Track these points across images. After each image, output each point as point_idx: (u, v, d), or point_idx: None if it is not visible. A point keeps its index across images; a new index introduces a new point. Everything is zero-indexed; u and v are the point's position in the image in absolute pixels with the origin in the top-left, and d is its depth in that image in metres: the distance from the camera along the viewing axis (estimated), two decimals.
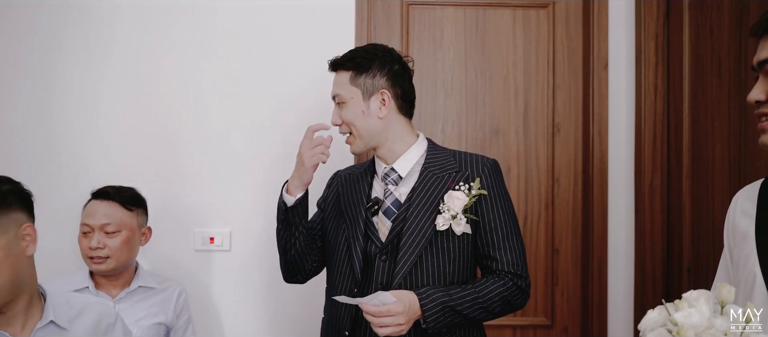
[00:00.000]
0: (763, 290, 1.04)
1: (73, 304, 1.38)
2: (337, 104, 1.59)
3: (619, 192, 2.31)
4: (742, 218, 1.15)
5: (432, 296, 1.44)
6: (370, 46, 1.62)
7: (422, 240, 1.49)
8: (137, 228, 1.97)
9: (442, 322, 1.45)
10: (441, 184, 1.52)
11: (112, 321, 1.43)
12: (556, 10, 2.36)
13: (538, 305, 2.36)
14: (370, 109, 1.55)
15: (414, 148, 1.59)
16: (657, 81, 2.22)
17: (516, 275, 1.51)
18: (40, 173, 2.19)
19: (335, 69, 1.61)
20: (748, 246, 1.11)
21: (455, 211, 1.48)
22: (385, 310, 1.38)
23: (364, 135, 1.57)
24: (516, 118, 2.35)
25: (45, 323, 1.30)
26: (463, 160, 1.56)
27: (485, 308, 1.48)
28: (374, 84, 1.55)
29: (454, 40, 2.34)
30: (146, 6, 2.23)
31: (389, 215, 1.54)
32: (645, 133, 2.23)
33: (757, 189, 1.15)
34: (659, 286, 2.23)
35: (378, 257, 1.52)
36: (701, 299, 0.73)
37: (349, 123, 1.57)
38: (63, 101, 2.21)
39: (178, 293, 2.04)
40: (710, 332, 0.69)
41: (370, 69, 1.55)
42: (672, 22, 2.19)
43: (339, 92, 1.58)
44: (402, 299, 1.41)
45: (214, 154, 2.24)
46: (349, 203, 1.61)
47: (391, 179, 1.57)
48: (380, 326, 1.40)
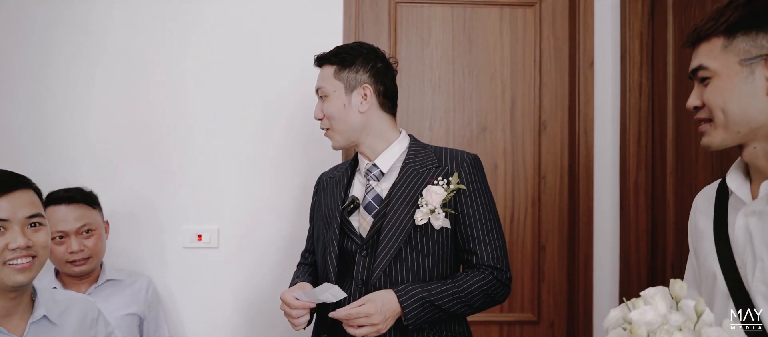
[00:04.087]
0: (723, 285, 1.08)
1: (58, 300, 1.40)
2: (319, 98, 1.62)
3: (604, 189, 2.33)
4: (702, 217, 1.19)
5: (410, 292, 1.45)
6: (356, 44, 1.65)
7: (401, 235, 1.49)
8: (102, 224, 2.00)
9: (422, 317, 1.45)
10: (420, 179, 1.53)
11: (95, 316, 1.45)
12: (543, 8, 2.38)
13: (525, 300, 2.38)
14: (351, 103, 1.57)
15: (396, 144, 1.61)
16: (642, 79, 2.24)
17: (496, 268, 1.51)
18: (29, 172, 2.18)
19: (320, 64, 1.63)
20: (707, 244, 1.15)
21: (433, 205, 1.48)
22: (355, 313, 1.40)
23: (343, 129, 1.59)
24: (503, 115, 2.37)
25: (38, 317, 1.32)
26: (444, 155, 1.58)
27: (465, 302, 1.49)
28: (357, 79, 1.57)
29: (441, 38, 2.36)
30: (135, 6, 2.23)
31: (370, 210, 1.55)
32: (630, 130, 2.25)
33: (714, 189, 1.19)
34: (644, 281, 2.26)
35: (359, 252, 1.54)
36: (657, 296, 0.75)
37: (329, 117, 1.59)
38: (51, 101, 2.22)
39: (147, 284, 2.06)
40: (665, 328, 0.71)
41: (354, 64, 1.58)
42: (656, 21, 2.21)
43: (322, 85, 1.60)
44: (373, 300, 1.42)
45: (202, 151, 2.25)
46: (328, 206, 1.64)
47: (372, 175, 1.59)
48: (356, 327, 1.42)
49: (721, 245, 1.10)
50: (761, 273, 1.02)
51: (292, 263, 2.25)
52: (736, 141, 1.07)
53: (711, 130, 1.08)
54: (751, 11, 1.02)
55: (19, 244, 1.26)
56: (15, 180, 1.33)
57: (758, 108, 1.02)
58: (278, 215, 2.26)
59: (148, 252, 2.23)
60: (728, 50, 1.04)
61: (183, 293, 2.25)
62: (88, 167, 2.20)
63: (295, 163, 2.27)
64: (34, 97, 2.21)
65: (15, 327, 1.30)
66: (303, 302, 1.49)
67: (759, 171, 1.07)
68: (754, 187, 1.08)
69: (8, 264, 1.26)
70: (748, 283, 1.04)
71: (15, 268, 1.26)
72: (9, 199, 1.29)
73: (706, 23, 1.07)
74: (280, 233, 2.26)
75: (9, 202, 1.29)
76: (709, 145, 1.09)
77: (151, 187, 2.23)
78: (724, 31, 1.04)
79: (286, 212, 2.26)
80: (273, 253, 2.26)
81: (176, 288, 2.24)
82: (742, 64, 1.02)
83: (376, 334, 1.42)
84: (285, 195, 2.27)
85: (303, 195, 2.26)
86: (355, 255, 1.55)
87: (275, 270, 2.26)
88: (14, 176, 1.35)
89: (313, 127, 2.26)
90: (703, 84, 1.08)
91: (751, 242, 1.04)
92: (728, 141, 1.06)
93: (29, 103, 2.21)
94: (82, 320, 1.41)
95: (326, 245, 1.58)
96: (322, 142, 2.25)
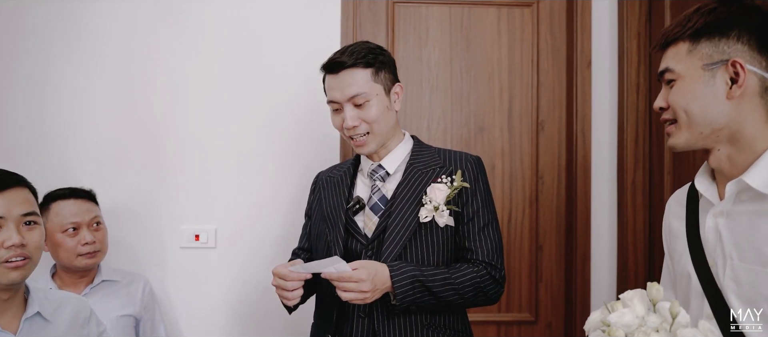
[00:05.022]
0: (697, 285, 1.12)
1: (51, 298, 1.42)
2: (353, 106, 1.52)
3: (602, 189, 2.33)
4: (674, 220, 1.24)
5: (402, 269, 1.44)
6: (370, 44, 1.58)
7: (406, 232, 1.50)
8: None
9: (411, 297, 1.44)
10: (425, 179, 1.54)
11: (87, 314, 1.47)
12: (541, 8, 2.38)
13: (523, 300, 2.38)
14: (392, 104, 1.57)
15: (401, 145, 1.62)
16: (639, 79, 2.24)
17: (490, 265, 1.52)
18: (28, 172, 2.18)
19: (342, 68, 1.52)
20: (681, 245, 1.19)
21: (437, 202, 1.49)
22: (347, 276, 1.37)
23: (384, 132, 1.56)
24: (500, 115, 2.37)
25: (31, 314, 1.34)
26: (448, 156, 1.59)
27: (456, 290, 1.48)
28: (391, 78, 1.57)
29: (439, 38, 2.36)
30: (134, 7, 2.24)
31: (376, 211, 1.55)
32: (627, 130, 2.25)
33: (685, 192, 1.23)
34: (641, 282, 2.25)
35: (364, 252, 1.53)
36: (635, 299, 0.75)
37: (372, 122, 1.53)
38: (51, 101, 2.23)
39: (143, 285, 2.08)
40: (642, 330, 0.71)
41: (385, 64, 1.56)
42: (654, 21, 2.21)
43: (362, 91, 1.51)
44: (367, 267, 1.40)
45: (200, 152, 2.26)
46: (331, 206, 1.62)
47: (378, 176, 1.59)
48: (343, 291, 1.39)
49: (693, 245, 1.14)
50: (731, 271, 1.06)
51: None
52: (700, 142, 1.11)
53: (675, 131, 1.12)
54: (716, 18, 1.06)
55: (14, 241, 1.27)
56: (10, 178, 1.33)
57: (718, 110, 1.07)
58: (276, 215, 2.27)
59: (146, 252, 2.25)
60: (693, 54, 1.08)
61: (180, 293, 2.26)
62: (87, 167, 2.22)
63: (294, 163, 2.27)
64: (33, 96, 2.22)
65: (8, 324, 1.32)
66: (298, 274, 1.44)
67: (724, 174, 1.11)
68: (720, 188, 1.13)
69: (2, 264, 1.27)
70: (719, 281, 1.08)
71: (9, 266, 1.27)
72: (4, 196, 1.29)
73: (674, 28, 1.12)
74: (277, 233, 2.27)
75: (4, 199, 1.29)
76: (674, 145, 1.14)
77: (149, 187, 2.24)
78: (689, 36, 1.09)
79: (284, 213, 2.27)
80: (271, 253, 2.27)
81: (174, 288, 2.26)
82: (704, 68, 1.07)
83: (361, 302, 1.40)
84: (283, 195, 2.27)
85: (301, 195, 2.27)
86: (359, 255, 1.54)
87: None
88: (9, 174, 1.35)
89: (311, 127, 2.27)
90: (669, 86, 1.13)
91: (721, 242, 1.09)
92: (692, 141, 1.11)
93: (28, 102, 2.22)
94: (75, 318, 1.43)
95: (330, 244, 1.57)
96: (320, 143, 2.27)
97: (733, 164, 1.09)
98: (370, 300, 1.41)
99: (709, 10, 1.07)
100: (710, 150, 1.11)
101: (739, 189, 1.06)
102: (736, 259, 1.05)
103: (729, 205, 1.09)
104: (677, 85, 1.10)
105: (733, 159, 1.08)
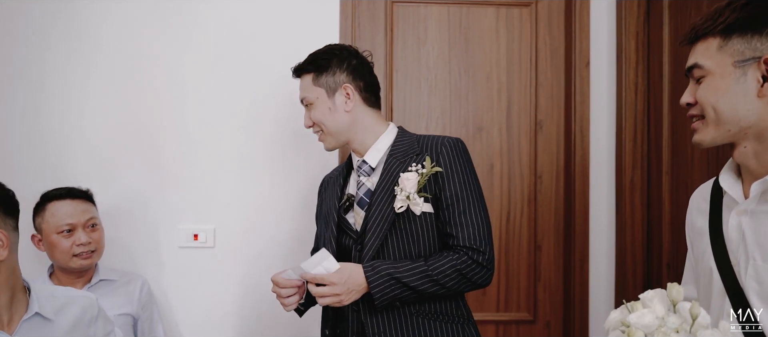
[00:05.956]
0: (719, 282, 1.10)
1: (57, 296, 1.41)
2: (305, 107, 1.66)
3: (600, 188, 2.34)
4: (699, 216, 1.22)
5: (377, 268, 1.47)
6: (327, 47, 1.68)
7: (384, 224, 1.51)
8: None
9: (389, 294, 1.46)
10: (401, 168, 1.53)
11: (95, 314, 1.46)
12: (539, 8, 2.38)
13: (521, 300, 2.39)
14: (336, 105, 1.61)
15: (383, 137, 1.63)
16: (638, 79, 2.25)
17: (472, 249, 1.49)
18: (24, 171, 2.19)
19: (299, 75, 1.67)
20: (704, 242, 1.17)
21: (408, 191, 1.47)
22: (320, 278, 1.44)
23: (334, 131, 1.63)
24: (499, 115, 2.37)
25: (30, 315, 1.34)
26: (425, 143, 1.57)
27: (436, 281, 1.47)
28: (336, 80, 1.61)
29: (437, 38, 2.36)
30: (132, 7, 2.23)
31: (362, 206, 1.58)
32: (626, 130, 2.26)
33: (709, 187, 1.21)
34: (640, 281, 2.26)
35: (354, 247, 1.57)
36: (655, 299, 0.75)
37: (318, 123, 1.63)
38: (47, 100, 2.21)
39: (141, 284, 2.08)
40: (662, 331, 0.71)
41: (330, 67, 1.61)
42: (652, 21, 2.21)
43: (305, 95, 1.64)
44: (341, 271, 1.46)
45: (199, 151, 2.24)
46: (327, 206, 1.67)
47: (363, 171, 1.62)
48: (319, 296, 1.45)
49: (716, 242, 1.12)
50: (753, 271, 1.04)
51: (289, 262, 2.26)
52: (727, 139, 1.09)
53: (702, 128, 1.10)
54: (748, 14, 1.04)
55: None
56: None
57: (748, 108, 1.04)
58: (275, 214, 2.26)
59: (144, 252, 2.23)
60: (723, 51, 1.06)
61: (179, 293, 2.24)
62: (85, 167, 2.20)
63: (293, 163, 2.27)
64: (30, 96, 2.20)
65: (7, 325, 1.32)
66: (289, 281, 1.52)
67: (749, 171, 1.09)
68: (745, 186, 1.11)
69: None
70: (741, 280, 1.06)
71: None
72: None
73: (704, 23, 1.09)
74: (277, 232, 2.26)
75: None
76: (700, 142, 1.11)
77: (147, 186, 2.23)
78: (720, 32, 1.06)
79: (283, 212, 2.26)
80: (270, 253, 2.26)
81: (172, 288, 2.24)
82: (735, 65, 1.04)
83: (337, 304, 1.47)
84: (282, 195, 2.26)
85: (300, 195, 2.26)
86: (350, 250, 1.59)
87: (272, 270, 2.22)
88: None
89: None
90: (697, 82, 1.10)
91: (744, 241, 1.07)
92: (718, 139, 1.09)
93: (25, 102, 2.20)
94: (80, 317, 1.42)
95: (325, 243, 1.61)
96: (319, 142, 2.26)
97: (760, 162, 1.07)
98: (347, 302, 1.47)
99: (742, 5, 1.04)
100: (736, 145, 1.09)
101: (764, 189, 1.05)
102: (759, 259, 1.03)
103: (753, 204, 1.07)
104: (706, 82, 1.08)
105: (759, 156, 1.07)
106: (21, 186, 2.12)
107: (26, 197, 2.01)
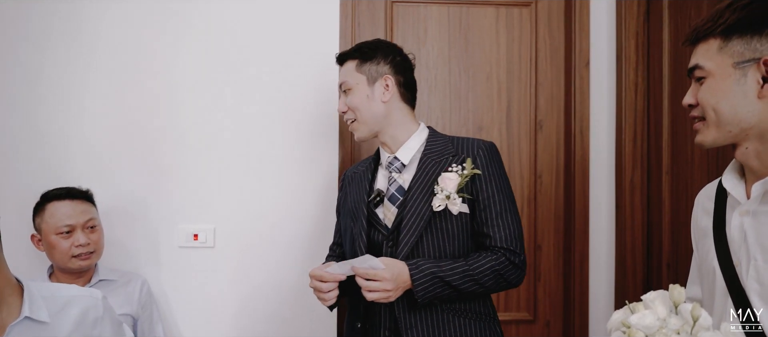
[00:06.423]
0: (721, 283, 1.10)
1: (58, 296, 1.33)
2: (343, 93, 1.69)
3: (600, 188, 2.34)
4: (703, 215, 1.22)
5: (421, 267, 1.50)
6: (375, 40, 1.74)
7: (420, 222, 1.54)
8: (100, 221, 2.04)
9: (431, 292, 1.50)
10: (438, 168, 1.58)
11: (99, 314, 1.37)
12: (539, 8, 2.38)
13: (521, 299, 2.39)
14: (374, 94, 1.65)
15: (415, 136, 1.67)
16: (637, 79, 2.25)
17: (508, 250, 1.55)
18: (24, 171, 2.18)
19: (342, 61, 1.71)
20: (708, 242, 1.17)
21: (448, 191, 1.53)
22: (373, 274, 1.45)
23: (368, 119, 1.66)
24: (499, 115, 2.37)
25: (20, 319, 1.24)
26: (460, 144, 1.63)
27: (476, 280, 1.52)
28: (378, 70, 1.65)
29: (437, 38, 2.36)
30: (130, 7, 2.22)
31: (394, 202, 1.61)
32: (626, 130, 2.26)
33: (715, 187, 1.21)
34: (640, 281, 2.27)
35: (385, 243, 1.60)
36: (657, 301, 0.75)
37: (353, 108, 1.66)
38: (48, 100, 2.20)
39: (141, 284, 2.08)
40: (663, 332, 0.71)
41: (374, 58, 1.66)
42: (652, 21, 2.21)
43: (345, 79, 1.68)
44: (391, 267, 1.47)
45: (199, 151, 2.24)
46: (354, 200, 1.69)
47: (394, 167, 1.64)
48: (368, 290, 1.47)
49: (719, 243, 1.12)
50: (755, 272, 1.04)
51: (289, 262, 2.26)
52: (728, 140, 1.09)
53: (703, 129, 1.10)
54: (748, 15, 1.04)
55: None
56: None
57: (749, 110, 1.04)
58: (275, 214, 2.26)
59: (143, 252, 2.23)
60: (724, 52, 1.06)
61: (179, 293, 2.24)
62: (84, 166, 2.20)
63: (292, 162, 2.26)
64: (29, 96, 2.20)
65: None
66: (333, 275, 1.52)
67: (752, 171, 1.10)
68: (748, 187, 1.11)
69: None
70: (743, 281, 1.06)
71: None
72: None
73: (705, 23, 1.09)
74: (277, 232, 2.26)
75: None
76: (701, 142, 1.12)
77: (147, 186, 2.22)
78: (720, 33, 1.06)
79: (283, 212, 2.26)
80: (270, 252, 2.26)
81: (172, 288, 2.24)
82: (735, 67, 1.05)
83: (385, 301, 1.48)
84: (282, 195, 2.26)
85: (300, 194, 2.26)
86: (380, 246, 1.61)
87: (272, 270, 2.26)
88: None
89: (309, 126, 2.26)
90: (699, 83, 1.11)
91: (746, 242, 1.07)
92: (720, 140, 1.09)
93: (24, 102, 2.19)
94: (81, 319, 1.33)
95: (355, 237, 1.63)
96: (319, 141, 2.26)
97: (762, 162, 1.07)
98: (393, 298, 1.49)
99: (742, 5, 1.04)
100: (737, 145, 1.09)
101: (766, 190, 1.05)
102: (760, 260, 1.03)
103: (755, 204, 1.07)
104: (707, 83, 1.08)
105: (762, 157, 1.07)
106: (20, 186, 2.15)
107: (26, 197, 2.02)
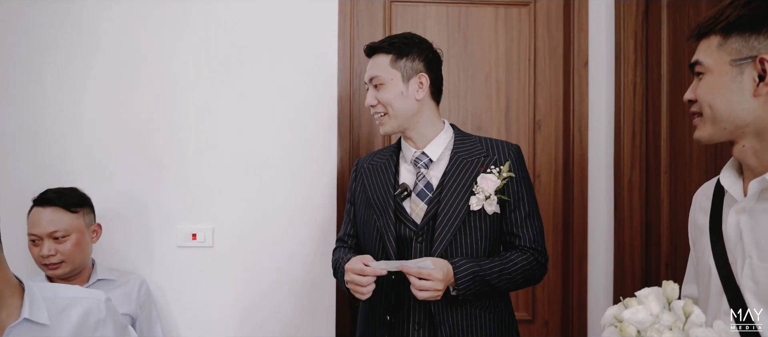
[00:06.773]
0: (717, 280, 1.10)
1: (61, 297, 1.31)
2: (373, 87, 1.68)
3: (598, 188, 2.34)
4: (700, 214, 1.22)
5: (464, 266, 1.54)
6: (408, 34, 1.72)
7: (457, 220, 1.58)
8: (86, 228, 1.98)
9: (471, 290, 1.55)
10: (471, 167, 1.62)
11: (102, 317, 1.34)
12: (538, 8, 2.38)
13: (519, 299, 2.39)
14: (409, 91, 1.65)
15: (442, 133, 1.69)
16: (636, 79, 2.25)
17: (536, 250, 1.62)
18: (22, 172, 2.19)
19: (373, 53, 1.69)
20: (704, 240, 1.17)
21: (488, 192, 1.58)
22: (426, 273, 1.48)
23: (400, 116, 1.66)
24: (498, 114, 2.37)
25: (19, 320, 1.22)
26: (490, 145, 1.67)
27: (510, 279, 1.59)
28: (414, 67, 1.65)
29: (436, 38, 2.36)
30: (128, 7, 2.23)
31: (422, 197, 1.63)
32: (624, 129, 2.26)
33: (713, 185, 1.21)
34: (638, 280, 2.26)
35: (415, 239, 1.61)
36: (650, 297, 0.76)
37: (386, 104, 1.66)
38: (45, 100, 2.21)
39: (139, 284, 2.07)
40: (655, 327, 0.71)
41: (410, 54, 1.66)
42: (651, 21, 2.21)
43: (378, 74, 1.66)
44: (440, 267, 1.50)
45: (198, 151, 2.24)
46: (377, 192, 1.69)
47: (422, 163, 1.66)
48: (420, 289, 1.48)
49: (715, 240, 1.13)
50: (749, 270, 1.04)
51: (288, 261, 2.26)
52: (724, 137, 1.09)
53: (700, 125, 1.11)
54: (749, 13, 1.04)
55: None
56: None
57: (744, 107, 1.05)
58: (274, 214, 2.26)
59: (142, 252, 2.23)
60: (722, 49, 1.07)
61: (178, 293, 2.24)
62: (83, 166, 2.20)
63: (291, 162, 2.27)
64: (28, 96, 2.20)
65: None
66: (375, 271, 1.53)
67: (750, 169, 1.10)
68: (746, 184, 1.11)
69: None
70: (738, 279, 1.06)
71: None
72: None
73: (707, 20, 1.10)
74: (276, 232, 2.26)
75: None
76: (699, 138, 1.13)
77: (145, 186, 2.23)
78: (721, 30, 1.07)
79: (282, 211, 2.26)
80: (269, 252, 2.26)
81: (171, 288, 2.24)
82: (732, 64, 1.05)
83: (434, 298, 1.50)
84: (281, 194, 2.26)
85: (299, 193, 2.26)
86: (409, 241, 1.62)
87: (271, 269, 2.26)
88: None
89: (308, 125, 2.27)
90: (699, 79, 1.11)
91: (741, 239, 1.07)
92: (716, 136, 1.10)
93: (23, 102, 2.20)
94: (82, 321, 1.31)
95: (381, 230, 1.64)
96: (318, 140, 2.27)
97: (759, 160, 1.07)
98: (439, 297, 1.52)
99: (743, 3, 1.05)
100: (735, 142, 1.10)
101: (762, 187, 1.05)
102: (756, 258, 1.03)
103: (751, 202, 1.07)
104: (705, 80, 1.09)
105: (759, 154, 1.07)
106: (20, 186, 2.15)
107: (25, 197, 2.02)
